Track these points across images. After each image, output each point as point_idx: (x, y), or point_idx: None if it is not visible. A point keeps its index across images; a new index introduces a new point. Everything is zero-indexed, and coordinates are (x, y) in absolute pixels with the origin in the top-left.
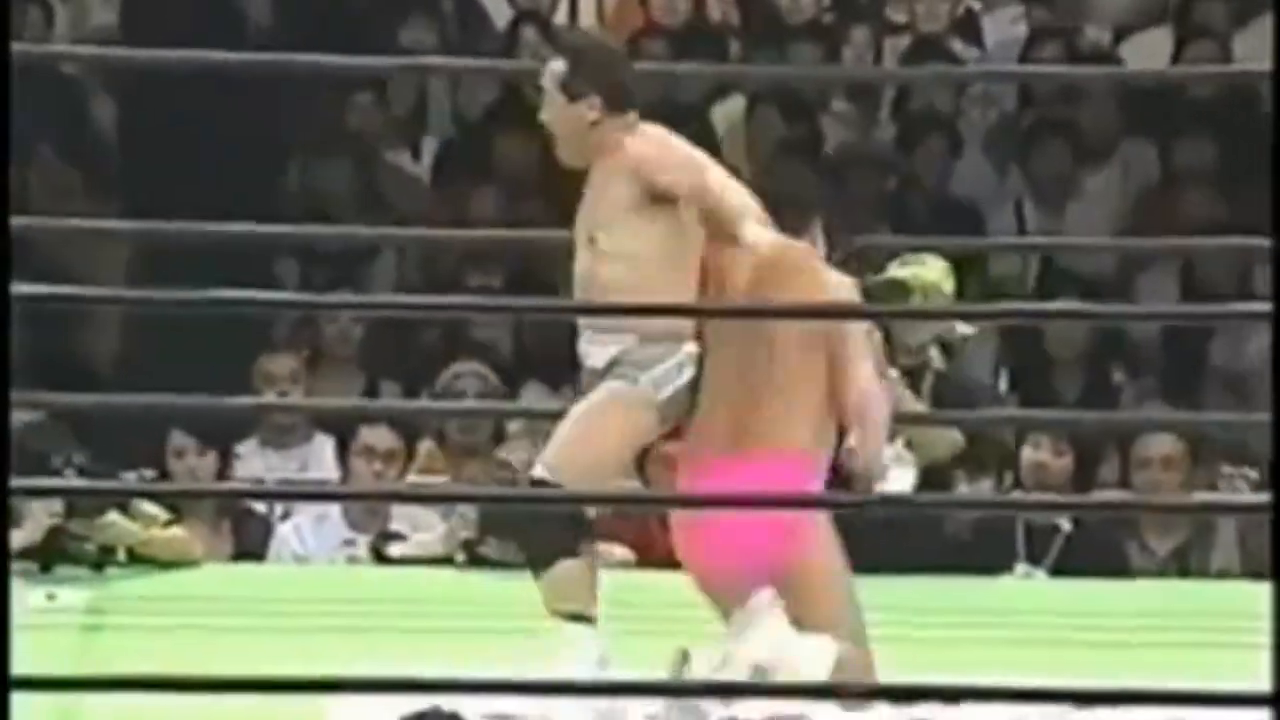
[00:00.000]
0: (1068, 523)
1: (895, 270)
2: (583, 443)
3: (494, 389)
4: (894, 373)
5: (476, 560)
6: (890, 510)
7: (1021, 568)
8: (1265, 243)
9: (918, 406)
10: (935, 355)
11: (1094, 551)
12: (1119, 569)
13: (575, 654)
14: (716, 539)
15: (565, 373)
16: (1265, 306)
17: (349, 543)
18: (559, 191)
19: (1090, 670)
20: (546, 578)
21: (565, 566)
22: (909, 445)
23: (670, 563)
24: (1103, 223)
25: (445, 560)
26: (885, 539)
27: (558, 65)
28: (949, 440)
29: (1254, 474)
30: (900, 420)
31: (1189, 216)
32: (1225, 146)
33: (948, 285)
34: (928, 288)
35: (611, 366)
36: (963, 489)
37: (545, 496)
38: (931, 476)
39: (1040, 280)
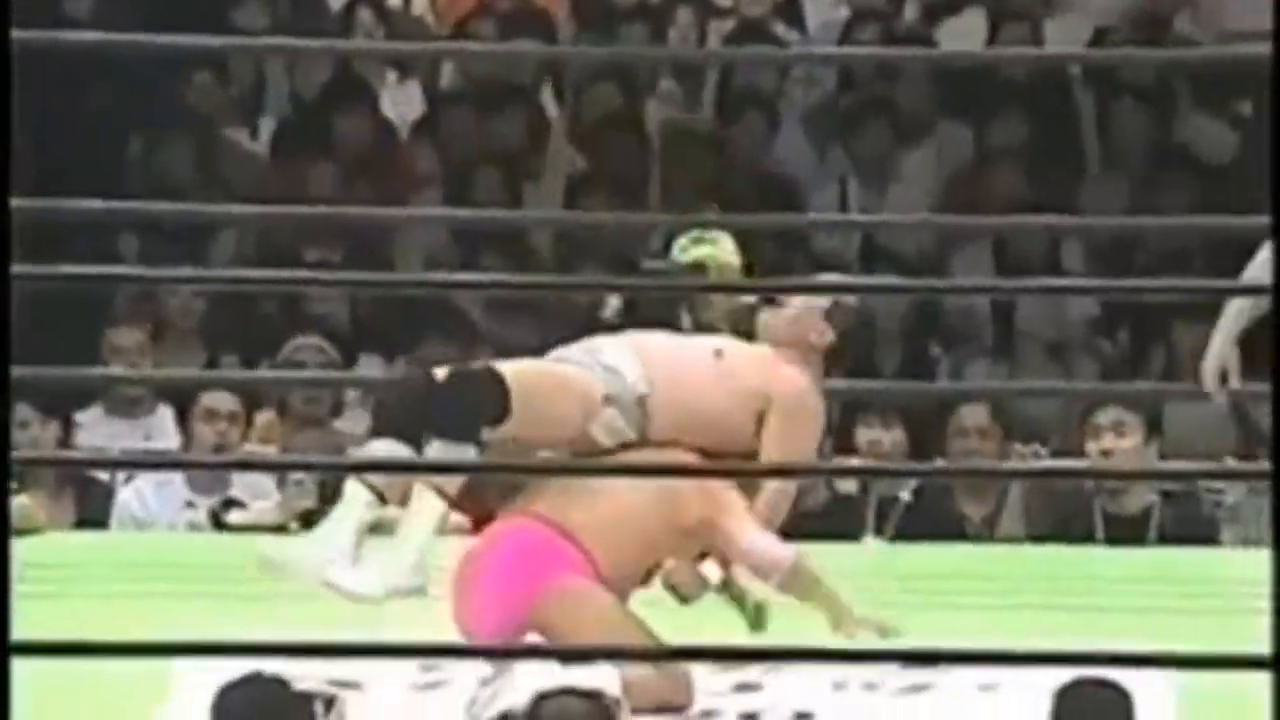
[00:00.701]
0: (907, 493)
1: (692, 251)
2: None
3: (332, 361)
4: None
5: (311, 528)
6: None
7: (870, 537)
8: (1075, 220)
9: None
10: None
11: (930, 519)
12: (956, 534)
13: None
14: (476, 602)
15: (400, 344)
16: (1266, 282)
17: (190, 504)
18: (394, 169)
19: (928, 631)
20: None
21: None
22: None
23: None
24: (920, 201)
25: (281, 528)
26: None
27: None
28: None
29: (1044, 450)
30: None
31: (1000, 194)
32: (1035, 127)
33: (736, 261)
34: (723, 268)
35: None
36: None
37: (443, 466)
38: None
39: (861, 257)
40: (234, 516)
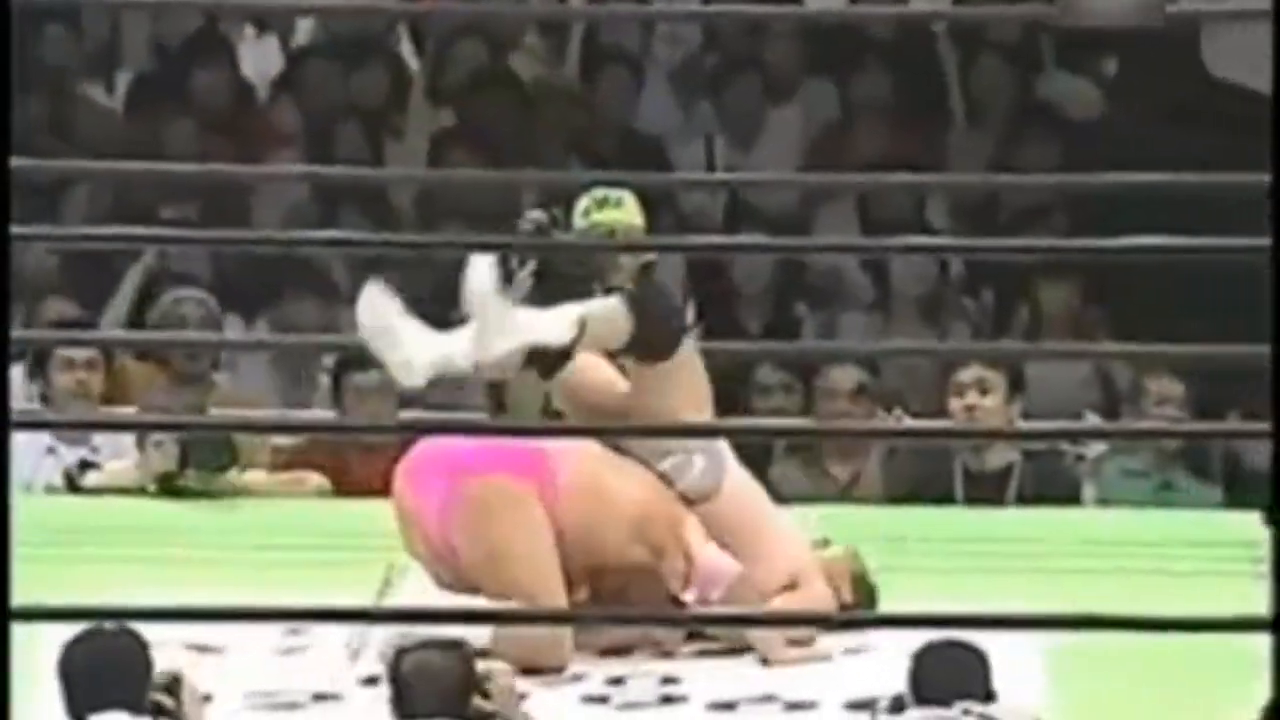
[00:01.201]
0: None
1: (594, 215)
2: None
3: (213, 314)
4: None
5: (171, 491)
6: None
7: None
8: (938, 177)
9: None
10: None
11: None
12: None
13: None
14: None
15: (261, 303)
16: (1264, 241)
17: (51, 450)
18: (253, 126)
19: None
20: None
21: None
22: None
23: (367, 490)
24: (786, 158)
25: (140, 490)
26: None
27: None
28: None
29: (907, 416)
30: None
31: (865, 152)
32: (900, 84)
33: (639, 220)
34: (630, 230)
35: None
36: None
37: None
38: None
39: (727, 215)
40: (90, 479)
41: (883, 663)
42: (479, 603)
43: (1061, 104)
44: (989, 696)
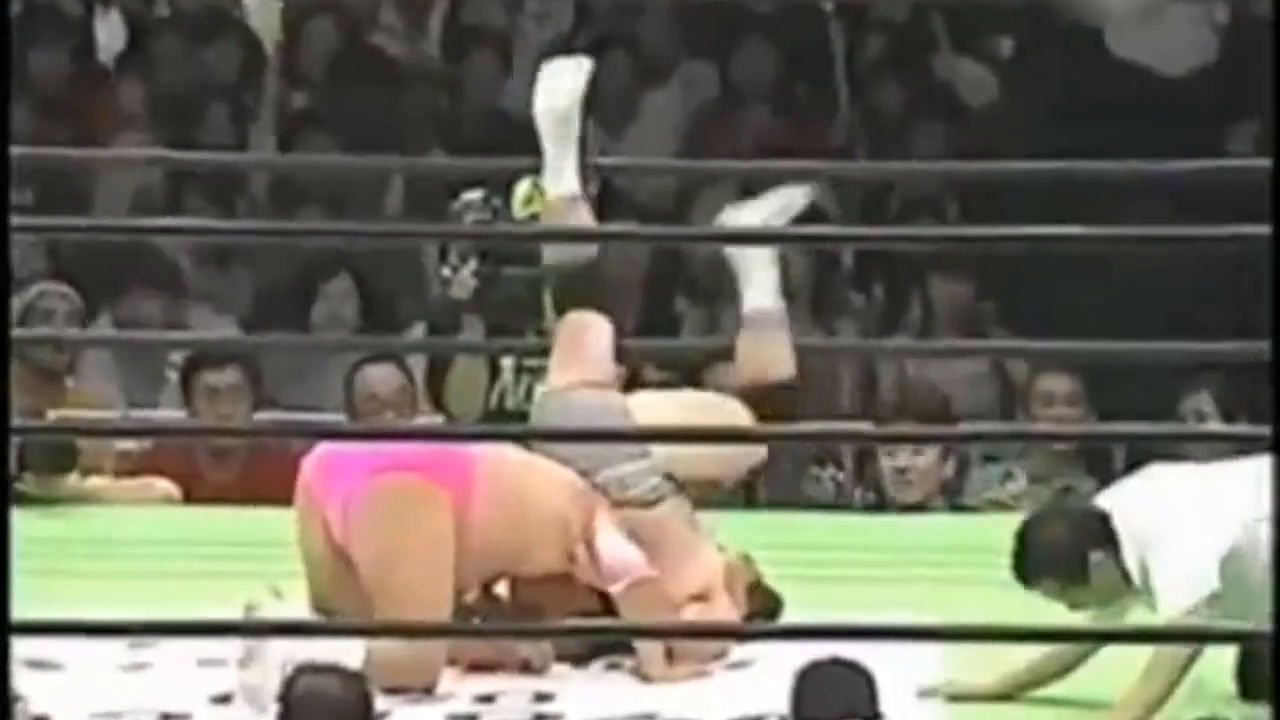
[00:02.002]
0: None
1: (535, 204)
2: None
3: (78, 309)
4: None
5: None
6: None
7: None
8: (824, 164)
9: None
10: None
11: None
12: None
13: None
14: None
15: (102, 296)
16: (1264, 229)
17: None
18: (97, 106)
19: None
20: None
21: None
22: None
23: (217, 498)
24: (663, 142)
25: None
26: None
27: None
28: None
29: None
30: None
31: (748, 136)
32: (783, 61)
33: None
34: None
35: None
36: None
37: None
38: None
39: (599, 201)
40: None
41: (766, 679)
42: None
43: (955, 87)
44: (875, 718)
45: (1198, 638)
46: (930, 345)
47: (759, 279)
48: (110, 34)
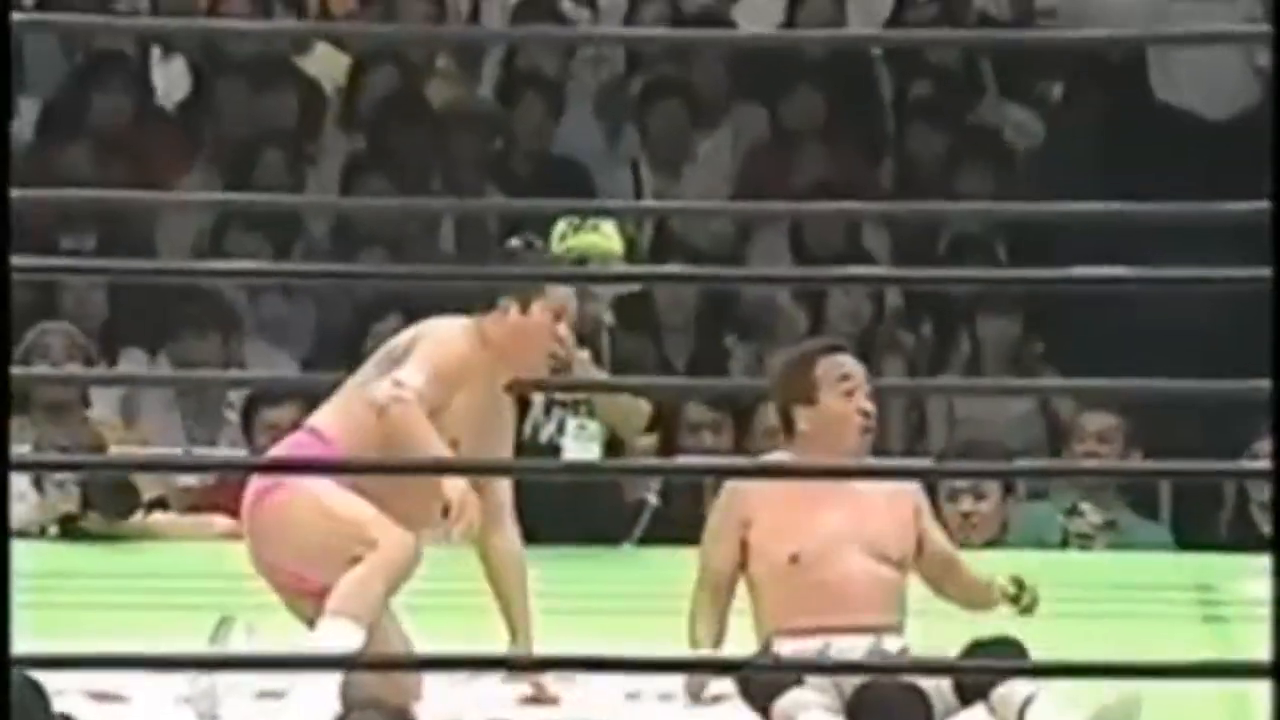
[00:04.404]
0: (654, 495)
1: (570, 240)
2: None
3: (82, 348)
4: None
5: (71, 534)
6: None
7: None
8: (874, 205)
9: (599, 373)
10: (609, 316)
11: (678, 523)
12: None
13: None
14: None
15: (158, 337)
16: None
17: None
18: (158, 149)
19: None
20: None
21: None
22: (592, 415)
23: None
24: (716, 185)
25: (40, 532)
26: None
27: None
28: (640, 410)
29: None
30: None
31: (799, 179)
32: (834, 107)
33: (618, 247)
34: (606, 255)
35: None
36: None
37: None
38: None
39: (653, 245)
40: None
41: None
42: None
43: (1002, 131)
44: None
45: (1196, 673)
46: (978, 384)
47: None
48: (173, 80)
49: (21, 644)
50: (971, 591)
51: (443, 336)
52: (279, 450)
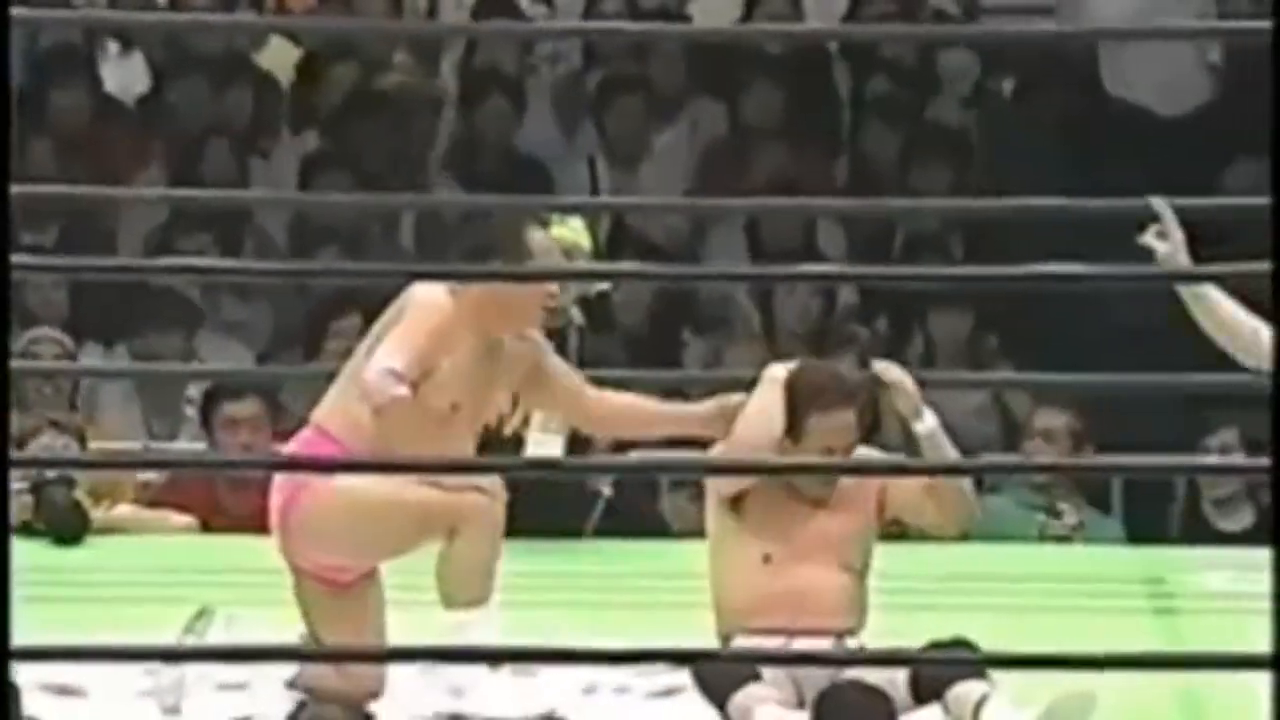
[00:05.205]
0: (608, 488)
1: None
2: None
3: (69, 354)
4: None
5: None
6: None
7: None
8: (832, 201)
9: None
10: (577, 314)
11: (633, 515)
12: (658, 530)
13: None
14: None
15: (118, 332)
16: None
17: None
18: (116, 145)
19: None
20: None
21: None
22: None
23: (238, 526)
24: (674, 181)
25: None
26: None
27: None
28: None
29: None
30: None
31: (756, 175)
32: (793, 102)
33: (586, 243)
34: (572, 249)
35: None
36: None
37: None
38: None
39: (610, 240)
40: None
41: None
42: None
43: (956, 127)
44: None
45: (1197, 664)
46: (932, 377)
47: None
48: (133, 76)
49: None
50: (946, 504)
51: (423, 304)
52: (294, 449)
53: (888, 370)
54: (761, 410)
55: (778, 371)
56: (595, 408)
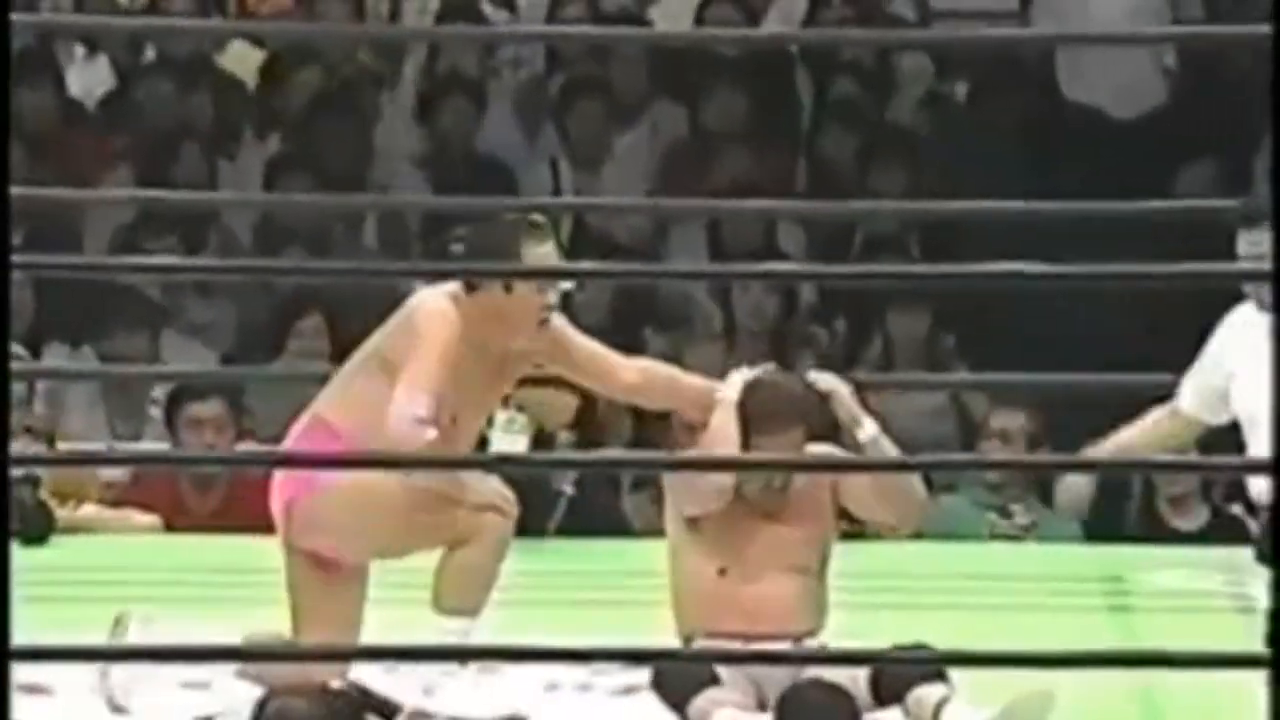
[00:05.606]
0: (570, 486)
1: None
2: None
3: (17, 356)
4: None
5: None
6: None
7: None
8: (792, 203)
9: None
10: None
11: (594, 514)
12: (619, 529)
13: None
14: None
15: (83, 333)
16: (1220, 266)
17: None
18: (81, 147)
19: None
20: None
21: None
22: (520, 409)
23: (202, 526)
24: (635, 182)
25: None
26: None
27: None
28: (566, 404)
29: None
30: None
31: (717, 176)
32: (753, 105)
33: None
34: (537, 252)
35: None
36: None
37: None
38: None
39: (572, 240)
40: None
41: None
42: None
43: (914, 128)
44: None
45: (1193, 662)
46: (890, 379)
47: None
48: (97, 78)
49: None
50: (895, 503)
51: (433, 317)
52: (293, 442)
53: (824, 380)
54: (719, 432)
55: (732, 391)
56: (626, 375)
